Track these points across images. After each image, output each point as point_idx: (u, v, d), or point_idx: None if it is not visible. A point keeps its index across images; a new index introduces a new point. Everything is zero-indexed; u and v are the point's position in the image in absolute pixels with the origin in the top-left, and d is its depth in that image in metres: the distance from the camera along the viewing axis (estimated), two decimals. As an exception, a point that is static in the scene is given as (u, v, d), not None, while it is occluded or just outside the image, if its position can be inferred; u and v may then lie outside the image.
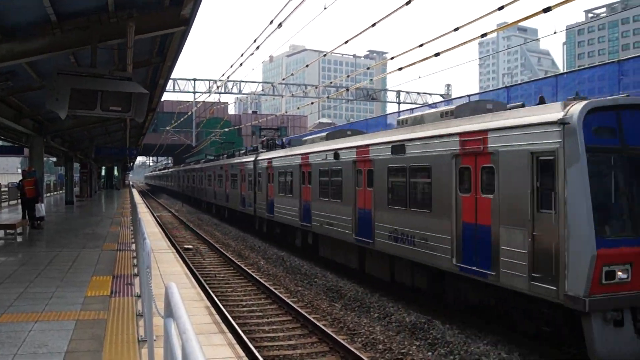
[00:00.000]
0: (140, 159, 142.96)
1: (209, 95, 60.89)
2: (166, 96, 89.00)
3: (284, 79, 74.04)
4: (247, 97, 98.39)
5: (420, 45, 17.88)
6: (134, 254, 13.93)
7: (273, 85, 75.54)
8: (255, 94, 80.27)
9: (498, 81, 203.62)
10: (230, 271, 20.01)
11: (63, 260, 14.07)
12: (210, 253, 24.40)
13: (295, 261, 21.34)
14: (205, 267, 20.64)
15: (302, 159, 22.38)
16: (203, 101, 64.30)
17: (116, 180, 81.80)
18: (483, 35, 15.20)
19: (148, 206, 46.11)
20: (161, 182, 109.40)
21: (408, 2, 14.88)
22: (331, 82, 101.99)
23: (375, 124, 34.20)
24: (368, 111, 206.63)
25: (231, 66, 27.69)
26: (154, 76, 17.18)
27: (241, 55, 22.83)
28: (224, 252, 23.42)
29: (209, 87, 69.23)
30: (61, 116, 10.65)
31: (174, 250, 17.71)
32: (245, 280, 18.35)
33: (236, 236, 30.57)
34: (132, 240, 16.82)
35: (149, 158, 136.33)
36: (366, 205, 16.65)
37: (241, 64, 24.53)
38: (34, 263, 13.59)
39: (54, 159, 45.81)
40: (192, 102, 71.04)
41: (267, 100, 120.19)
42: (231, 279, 18.55)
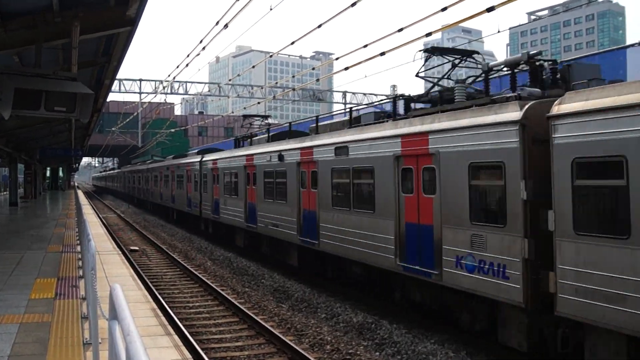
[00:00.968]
0: (86, 160, 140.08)
1: (155, 95, 60.43)
2: (112, 97, 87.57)
3: (231, 80, 73.94)
4: (194, 98, 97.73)
5: (364, 45, 18.22)
6: (79, 256, 13.76)
7: (219, 85, 75.05)
8: (201, 95, 79.63)
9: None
10: (176, 273, 19.88)
11: (6, 262, 13.77)
12: (156, 254, 24.16)
13: (242, 262, 21.34)
14: (151, 269, 20.44)
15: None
16: (149, 102, 63.63)
17: (61, 181, 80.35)
18: (427, 34, 15.35)
19: (94, 207, 45.25)
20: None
21: (354, 4, 15.15)
22: (276, 83, 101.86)
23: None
24: (314, 112, 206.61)
25: (177, 67, 27.41)
26: (100, 76, 16.95)
27: (187, 55, 22.68)
28: (171, 254, 23.22)
29: (155, 88, 68.37)
30: (5, 116, 10.47)
31: (120, 251, 17.48)
32: (192, 281, 18.27)
33: (183, 237, 30.33)
34: (78, 242, 16.59)
35: (95, 159, 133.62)
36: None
37: (187, 65, 24.46)
38: (-25, 266, 13.25)
39: (-2, 160, 44.67)
40: (138, 103, 69.90)
41: (214, 100, 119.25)
42: (178, 281, 18.44)
